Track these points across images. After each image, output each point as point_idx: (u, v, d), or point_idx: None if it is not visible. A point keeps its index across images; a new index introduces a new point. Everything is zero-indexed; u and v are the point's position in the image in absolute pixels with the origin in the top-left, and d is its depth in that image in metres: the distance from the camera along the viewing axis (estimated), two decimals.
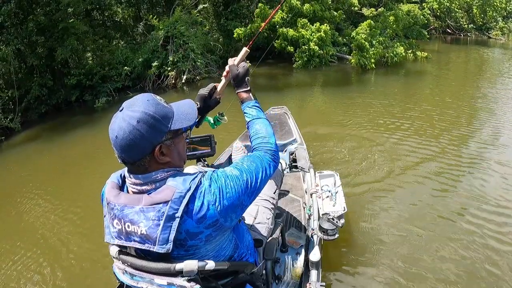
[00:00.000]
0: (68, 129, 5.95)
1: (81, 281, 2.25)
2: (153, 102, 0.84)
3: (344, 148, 3.67)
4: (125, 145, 0.80)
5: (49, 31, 6.91)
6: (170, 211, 0.79)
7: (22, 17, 6.79)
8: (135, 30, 9.93)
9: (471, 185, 2.84)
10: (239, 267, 1.00)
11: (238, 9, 9.85)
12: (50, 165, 4.59)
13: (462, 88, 6.31)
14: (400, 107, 5.12)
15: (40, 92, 6.93)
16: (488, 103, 5.13)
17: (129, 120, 0.80)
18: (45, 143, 5.53)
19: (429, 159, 3.35)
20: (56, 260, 2.49)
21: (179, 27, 7.77)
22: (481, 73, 7.77)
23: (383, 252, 2.14)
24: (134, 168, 0.85)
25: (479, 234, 2.25)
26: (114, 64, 7.91)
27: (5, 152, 5.48)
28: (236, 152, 1.76)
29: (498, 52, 10.66)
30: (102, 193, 0.94)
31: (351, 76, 7.80)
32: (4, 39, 6.54)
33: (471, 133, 3.99)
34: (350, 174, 3.09)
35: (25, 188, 3.83)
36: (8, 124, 5.96)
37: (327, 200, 2.01)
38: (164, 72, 7.84)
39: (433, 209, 2.55)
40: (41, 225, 3.01)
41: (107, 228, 0.88)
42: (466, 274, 1.94)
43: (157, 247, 0.80)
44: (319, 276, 1.50)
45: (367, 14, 8.92)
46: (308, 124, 4.42)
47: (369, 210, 2.56)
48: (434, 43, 12.43)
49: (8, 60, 6.36)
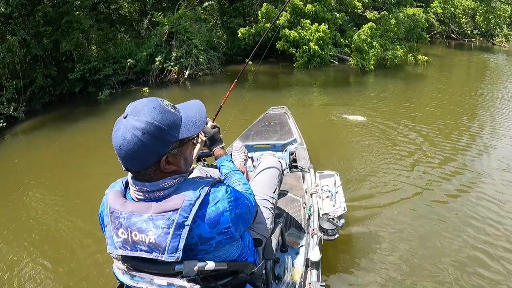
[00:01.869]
0: (71, 119, 5.92)
1: (82, 280, 2.20)
2: (159, 109, 0.79)
3: (344, 148, 3.65)
4: (129, 156, 0.77)
5: (55, 23, 6.85)
6: (180, 218, 0.77)
7: (30, 8, 6.73)
8: (140, 24, 9.86)
9: (474, 187, 2.82)
10: (239, 267, 0.99)
11: (241, 7, 9.81)
12: (53, 154, 4.56)
13: (460, 91, 6.28)
14: (399, 107, 5.10)
15: (44, 82, 6.88)
16: (486, 105, 5.12)
17: (134, 131, 0.75)
18: (48, 132, 5.49)
19: (429, 159, 3.34)
20: (56, 256, 2.46)
21: (183, 23, 7.75)
22: (483, 78, 7.74)
23: (383, 252, 2.13)
24: (139, 176, 0.82)
25: (479, 234, 2.24)
26: (118, 57, 7.87)
27: (8, 140, 5.45)
28: (236, 152, 1.73)
29: (502, 58, 10.61)
30: (101, 209, 0.90)
31: (350, 77, 7.79)
32: (11, 29, 6.49)
33: (467, 128, 4.02)
34: (350, 174, 3.07)
35: (27, 177, 3.80)
36: (12, 113, 5.92)
37: (327, 200, 1.99)
38: (167, 67, 7.81)
39: (435, 210, 2.54)
40: (41, 216, 2.98)
41: (110, 239, 0.84)
42: (467, 275, 1.93)
43: (166, 256, 0.77)
44: (319, 276, 1.49)
45: (370, 17, 8.88)
46: (308, 123, 4.39)
47: (369, 210, 2.54)
48: (437, 48, 12.38)
49: (14, 51, 6.31)
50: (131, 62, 7.71)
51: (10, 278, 2.26)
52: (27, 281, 2.21)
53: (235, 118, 4.68)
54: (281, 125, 2.95)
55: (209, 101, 6.35)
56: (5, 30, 6.64)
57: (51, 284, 2.17)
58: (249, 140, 2.73)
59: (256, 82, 7.85)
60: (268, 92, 6.69)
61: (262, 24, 8.22)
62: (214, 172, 1.55)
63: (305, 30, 8.03)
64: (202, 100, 0.98)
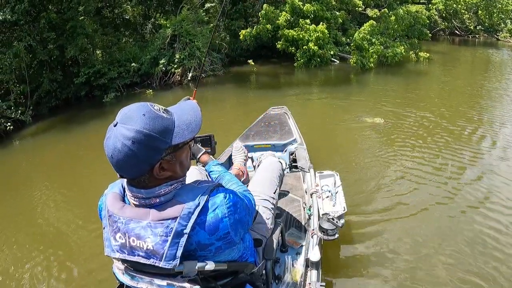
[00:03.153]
0: (77, 122, 5.99)
1: (84, 278, 2.23)
2: (149, 116, 0.75)
3: (344, 147, 3.64)
4: (121, 165, 0.75)
5: (60, 28, 6.93)
6: (179, 227, 0.76)
7: (34, 14, 6.81)
8: (144, 28, 9.94)
9: (478, 189, 2.76)
10: (239, 267, 0.99)
11: (243, 9, 9.81)
12: (59, 156, 4.62)
13: (461, 87, 6.22)
14: (399, 107, 5.04)
15: (50, 87, 6.97)
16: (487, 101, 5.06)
17: (123, 140, 0.72)
18: (54, 135, 5.57)
19: (431, 158, 3.30)
20: (58, 253, 2.49)
21: (186, 26, 7.80)
22: (487, 72, 7.63)
23: (384, 252, 2.11)
24: (134, 183, 0.80)
25: (480, 235, 2.21)
26: (123, 61, 7.95)
27: (15, 143, 5.54)
28: (236, 152, 1.74)
29: (506, 54, 10.44)
30: (99, 205, 0.90)
31: (351, 75, 7.75)
32: (17, 35, 6.58)
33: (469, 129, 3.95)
34: (350, 174, 3.05)
35: (33, 179, 3.87)
36: (19, 117, 6.02)
37: (327, 200, 1.99)
38: (170, 69, 7.86)
39: (436, 207, 2.50)
40: (46, 219, 3.01)
41: (107, 241, 0.84)
42: (467, 275, 1.91)
43: (163, 263, 0.76)
44: (319, 276, 1.48)
45: (371, 15, 8.83)
46: (308, 123, 4.39)
47: (369, 210, 2.52)
48: (441, 45, 12.23)
49: (20, 56, 6.40)
50: (135, 66, 7.79)
51: (13, 275, 2.30)
52: (29, 279, 2.24)
53: (235, 118, 4.72)
54: (281, 125, 2.94)
55: (211, 102, 6.37)
56: (11, 36, 6.72)
57: (52, 283, 2.20)
58: (249, 140, 2.72)
59: (258, 82, 7.87)
60: (269, 91, 6.69)
61: (263, 26, 8.24)
62: None
63: (304, 31, 8.04)
64: (205, 101, 0.97)
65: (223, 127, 4.43)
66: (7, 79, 6.33)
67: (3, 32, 6.74)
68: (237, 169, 1.71)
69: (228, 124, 4.63)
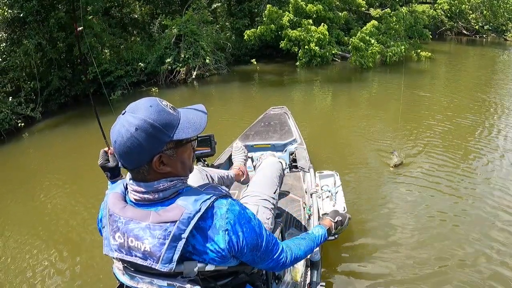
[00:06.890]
0: (85, 118, 6.02)
1: (86, 278, 2.22)
2: (156, 108, 0.77)
3: (344, 147, 3.62)
4: (122, 152, 0.76)
5: (69, 27, 6.98)
6: (177, 231, 0.75)
7: (44, 14, 6.86)
8: (151, 27, 9.96)
9: (480, 189, 2.72)
10: (239, 267, 0.95)
11: (247, 8, 9.78)
12: (67, 152, 4.65)
13: (462, 87, 6.13)
14: (399, 106, 4.98)
15: (60, 84, 7.03)
16: None
17: (128, 127, 0.75)
18: (63, 131, 5.63)
19: (431, 158, 3.26)
20: (62, 250, 2.51)
21: (190, 26, 7.82)
22: (493, 73, 7.51)
23: (384, 252, 2.09)
24: (134, 174, 0.81)
25: (480, 236, 2.18)
26: (130, 60, 7.99)
27: (25, 138, 5.60)
28: (236, 152, 1.74)
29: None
30: (100, 214, 0.90)
31: (351, 75, 7.71)
32: (27, 34, 6.63)
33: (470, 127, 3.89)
34: (350, 174, 3.02)
35: (41, 174, 3.91)
36: (30, 113, 6.08)
37: (327, 200, 1.99)
38: (176, 68, 7.88)
39: (436, 208, 2.47)
40: (54, 217, 3.03)
41: (106, 240, 0.83)
42: (468, 276, 1.89)
43: (159, 265, 0.76)
44: (319, 276, 1.47)
45: (374, 15, 8.75)
46: (308, 122, 4.36)
47: (369, 210, 2.50)
48: (448, 45, 12.06)
49: (30, 54, 6.47)
50: (141, 65, 7.83)
51: (21, 270, 2.31)
52: (36, 274, 2.27)
53: (235, 118, 4.70)
54: (281, 125, 2.91)
55: (215, 100, 6.38)
56: (21, 35, 6.77)
57: (53, 282, 2.21)
58: (249, 140, 2.70)
59: (261, 80, 7.85)
60: (270, 90, 6.67)
61: (266, 26, 8.23)
62: (213, 172, 1.51)
63: (306, 32, 8.03)
64: (209, 99, 0.97)
65: (222, 127, 4.42)
66: (17, 76, 6.40)
67: (14, 30, 6.79)
68: (237, 169, 1.70)
69: (227, 124, 4.60)
